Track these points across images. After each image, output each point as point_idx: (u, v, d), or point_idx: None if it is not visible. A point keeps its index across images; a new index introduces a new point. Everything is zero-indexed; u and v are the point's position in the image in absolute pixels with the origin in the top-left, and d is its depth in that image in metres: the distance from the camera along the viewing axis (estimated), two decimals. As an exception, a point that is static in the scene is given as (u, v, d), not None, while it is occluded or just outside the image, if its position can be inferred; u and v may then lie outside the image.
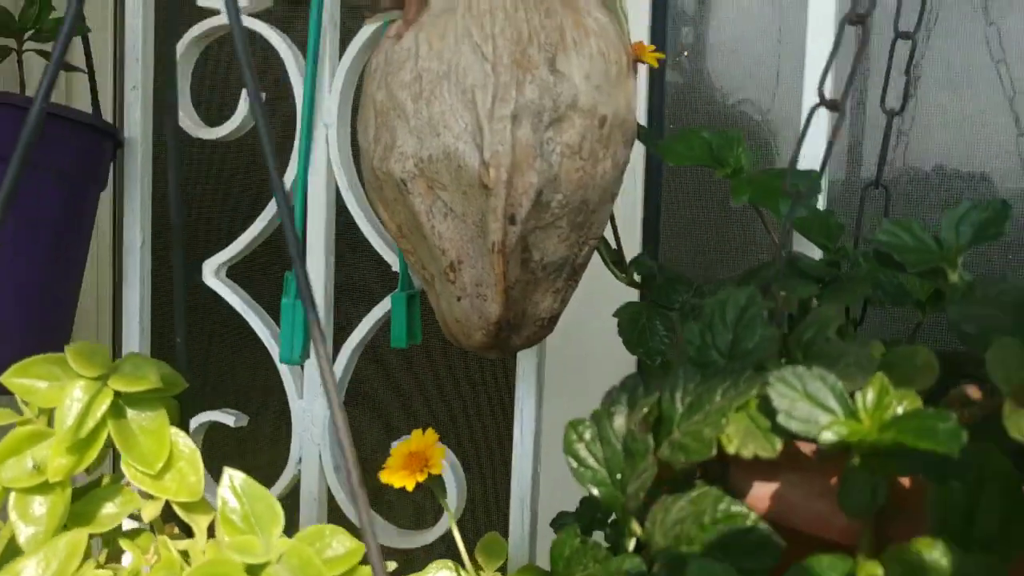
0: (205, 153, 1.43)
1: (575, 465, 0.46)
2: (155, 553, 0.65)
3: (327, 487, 0.87)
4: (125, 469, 0.63)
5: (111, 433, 0.62)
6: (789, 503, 0.40)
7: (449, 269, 0.63)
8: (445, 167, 0.60)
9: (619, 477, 0.44)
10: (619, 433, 0.44)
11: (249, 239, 0.86)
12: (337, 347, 0.85)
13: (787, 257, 0.59)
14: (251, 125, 0.87)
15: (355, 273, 1.30)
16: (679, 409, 0.43)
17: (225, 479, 0.57)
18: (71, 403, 0.61)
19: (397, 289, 0.77)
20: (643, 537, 0.43)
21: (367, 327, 0.83)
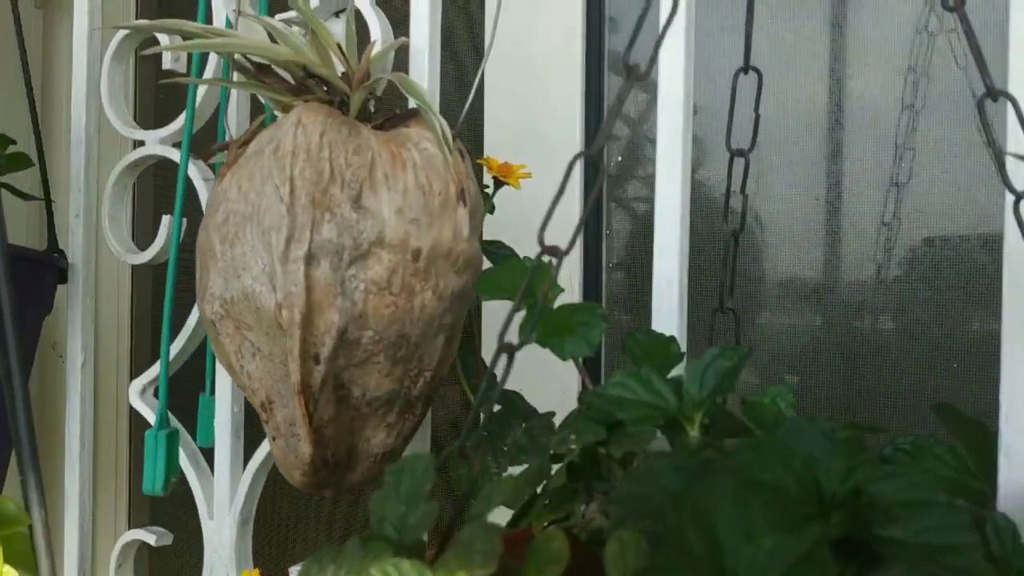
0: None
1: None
2: None
3: (235, 612, 0.86)
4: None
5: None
6: None
7: (261, 409, 0.62)
8: (246, 308, 0.60)
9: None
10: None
11: (169, 360, 0.88)
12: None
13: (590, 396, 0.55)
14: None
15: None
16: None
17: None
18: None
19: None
20: None
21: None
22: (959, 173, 0.96)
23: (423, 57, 0.73)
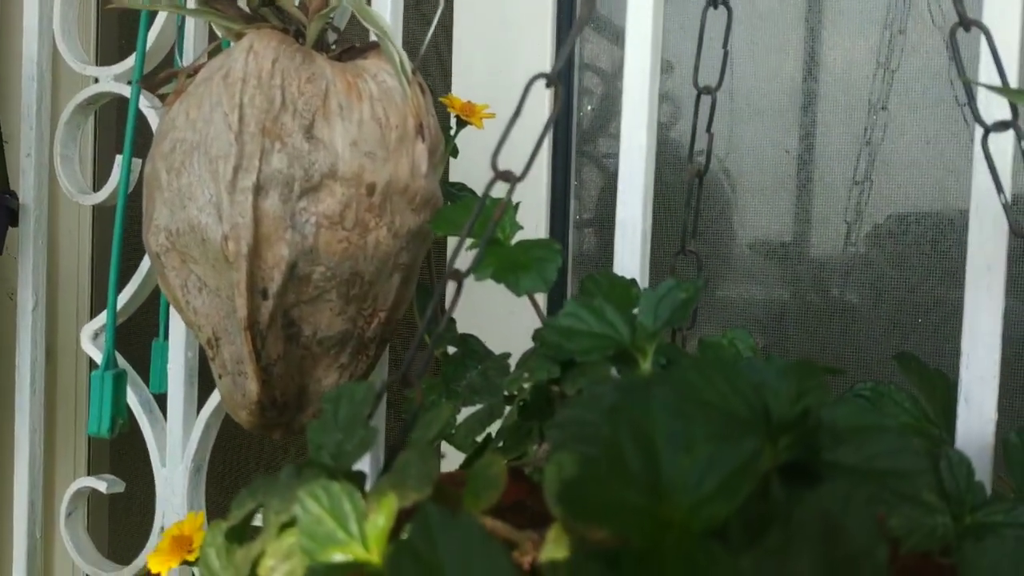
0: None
1: (205, 572, 0.43)
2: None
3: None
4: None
5: None
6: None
7: (208, 345, 0.60)
8: (192, 240, 0.58)
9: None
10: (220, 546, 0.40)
11: (120, 306, 0.86)
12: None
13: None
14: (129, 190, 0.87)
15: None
16: (272, 525, 0.39)
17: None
18: None
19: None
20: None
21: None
22: (929, 128, 0.95)
23: (385, -10, 0.71)
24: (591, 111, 1.09)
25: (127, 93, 0.86)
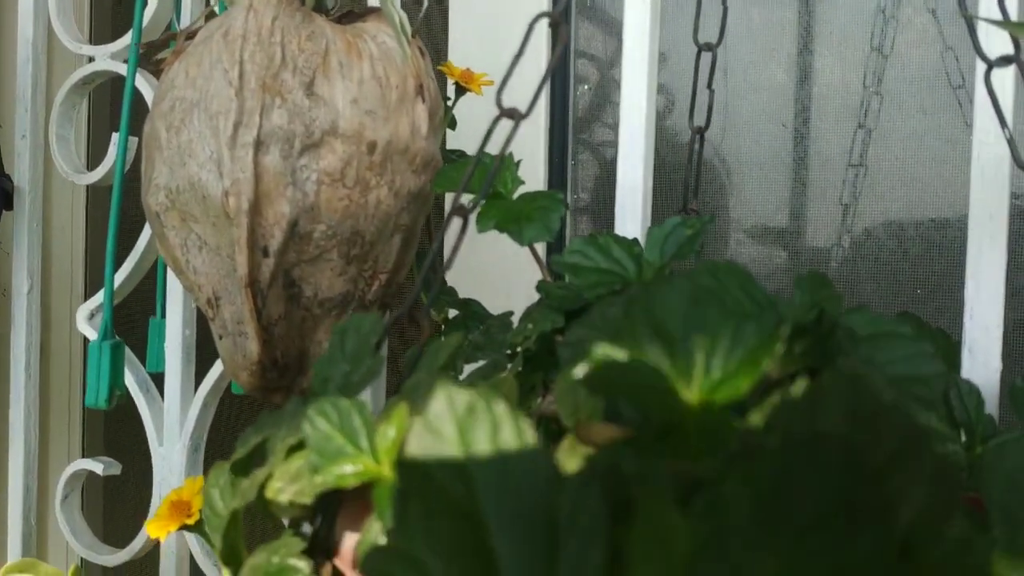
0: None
1: (208, 513, 0.42)
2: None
3: (184, 538, 0.84)
4: None
5: None
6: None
7: (207, 305, 0.60)
8: (192, 198, 0.58)
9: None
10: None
11: (117, 284, 0.85)
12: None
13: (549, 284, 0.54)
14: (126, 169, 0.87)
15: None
16: (280, 450, 0.38)
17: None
18: None
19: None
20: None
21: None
22: (924, 99, 0.96)
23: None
24: (586, 88, 1.09)
25: (123, 72, 0.86)
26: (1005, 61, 0.44)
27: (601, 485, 0.21)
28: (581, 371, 0.27)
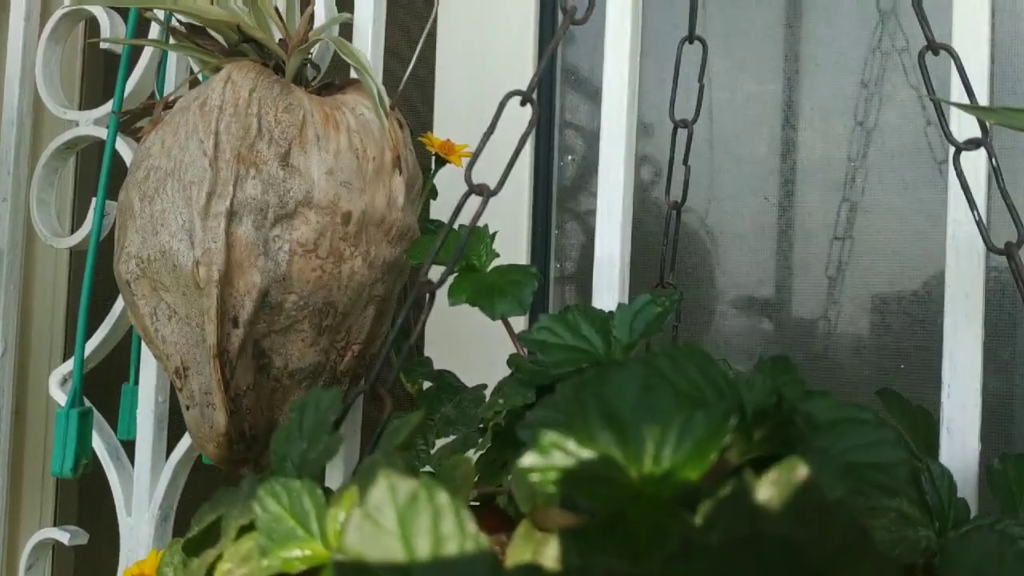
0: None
1: (161, 592, 0.41)
2: None
3: (150, 612, 0.81)
4: None
5: None
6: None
7: (176, 375, 0.59)
8: (163, 267, 0.57)
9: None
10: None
11: (90, 350, 0.84)
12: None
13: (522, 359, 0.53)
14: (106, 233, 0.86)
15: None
16: (231, 530, 0.37)
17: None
18: None
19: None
20: None
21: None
22: (906, 174, 0.96)
23: (367, 29, 0.71)
24: (570, 159, 1.10)
25: (104, 136, 0.86)
26: (973, 144, 0.45)
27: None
28: (529, 460, 0.27)
